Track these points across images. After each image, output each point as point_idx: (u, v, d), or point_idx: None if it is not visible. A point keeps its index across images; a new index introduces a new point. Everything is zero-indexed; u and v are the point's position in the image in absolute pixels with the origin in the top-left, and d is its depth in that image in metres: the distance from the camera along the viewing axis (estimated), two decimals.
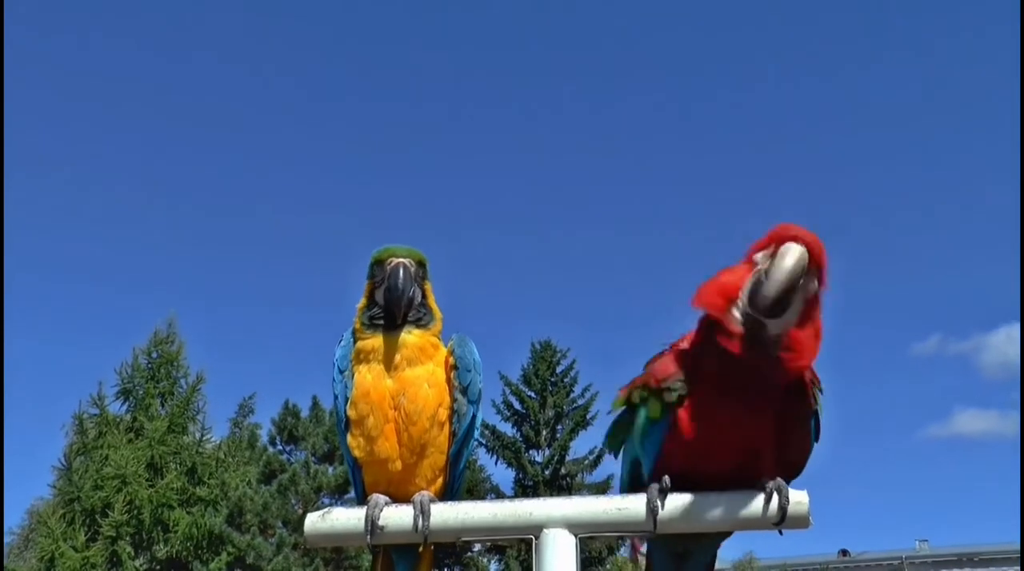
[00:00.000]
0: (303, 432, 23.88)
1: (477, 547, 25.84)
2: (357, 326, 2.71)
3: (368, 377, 2.64)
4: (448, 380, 2.68)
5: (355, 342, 2.70)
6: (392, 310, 2.62)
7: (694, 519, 2.39)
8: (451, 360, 2.70)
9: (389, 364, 2.63)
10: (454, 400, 2.67)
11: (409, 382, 2.62)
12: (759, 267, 2.29)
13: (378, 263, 2.68)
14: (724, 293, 2.28)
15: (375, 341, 2.65)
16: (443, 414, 2.67)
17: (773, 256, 2.26)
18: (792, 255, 2.23)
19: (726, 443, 2.36)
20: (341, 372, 2.71)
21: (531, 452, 26.77)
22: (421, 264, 2.70)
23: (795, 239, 2.26)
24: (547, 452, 26.56)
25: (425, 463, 2.65)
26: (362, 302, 2.72)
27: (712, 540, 2.69)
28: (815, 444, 2.50)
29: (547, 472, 26.07)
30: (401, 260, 2.64)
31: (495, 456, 26.80)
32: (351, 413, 2.66)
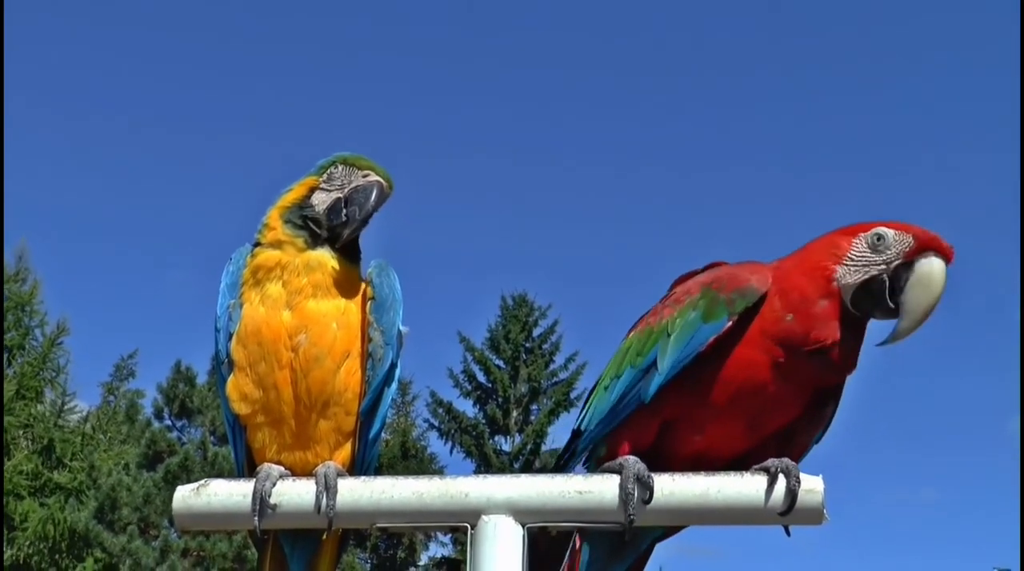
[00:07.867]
0: (199, 403, 23.99)
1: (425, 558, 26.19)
2: (264, 237, 2.76)
3: (260, 308, 2.69)
4: (363, 321, 2.75)
5: (253, 259, 2.75)
6: (347, 226, 2.72)
7: (678, 508, 2.46)
8: (369, 291, 2.76)
9: (292, 291, 2.68)
10: (369, 340, 2.73)
11: (313, 318, 2.68)
12: (881, 263, 2.50)
13: (346, 165, 2.78)
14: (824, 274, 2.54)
15: (282, 256, 2.70)
16: (354, 364, 2.72)
17: (909, 262, 2.49)
18: (942, 277, 2.47)
19: (760, 385, 2.58)
20: (228, 300, 2.77)
21: (497, 438, 27.08)
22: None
23: (945, 254, 2.50)
24: (518, 439, 26.85)
25: (328, 424, 2.70)
26: (287, 199, 2.78)
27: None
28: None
29: (517, 464, 26.34)
30: (381, 180, 2.77)
31: (450, 442, 27.08)
32: (235, 353, 2.71)
